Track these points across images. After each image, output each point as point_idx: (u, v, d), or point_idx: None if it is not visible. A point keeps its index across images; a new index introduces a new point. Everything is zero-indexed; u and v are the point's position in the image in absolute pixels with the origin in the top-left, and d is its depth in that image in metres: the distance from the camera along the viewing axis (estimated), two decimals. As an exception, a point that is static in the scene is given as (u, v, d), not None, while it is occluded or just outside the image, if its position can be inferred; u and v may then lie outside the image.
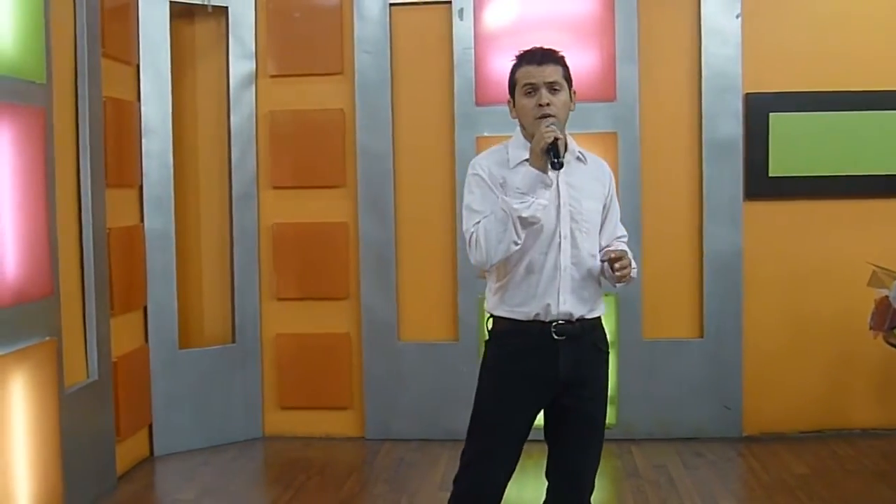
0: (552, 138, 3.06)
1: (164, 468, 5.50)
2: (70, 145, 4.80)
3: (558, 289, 3.20)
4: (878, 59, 5.67)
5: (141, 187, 5.54)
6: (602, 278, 3.31)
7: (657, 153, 5.76)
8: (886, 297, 4.92)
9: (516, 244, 3.11)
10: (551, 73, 3.20)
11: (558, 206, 3.19)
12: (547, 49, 3.26)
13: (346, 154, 5.90)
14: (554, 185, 3.16)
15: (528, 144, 3.20)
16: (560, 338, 3.20)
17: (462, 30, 5.75)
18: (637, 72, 5.71)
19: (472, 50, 5.74)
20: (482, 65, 5.73)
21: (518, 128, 3.31)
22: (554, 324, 3.20)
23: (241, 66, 5.88)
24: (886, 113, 5.64)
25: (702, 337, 5.78)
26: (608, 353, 3.37)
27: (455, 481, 3.34)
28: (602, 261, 3.23)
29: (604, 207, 3.35)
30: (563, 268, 3.20)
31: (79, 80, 4.84)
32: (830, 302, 5.71)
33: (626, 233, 3.47)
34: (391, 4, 5.82)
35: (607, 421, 5.70)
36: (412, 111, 5.88)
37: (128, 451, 5.36)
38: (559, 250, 3.20)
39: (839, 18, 5.70)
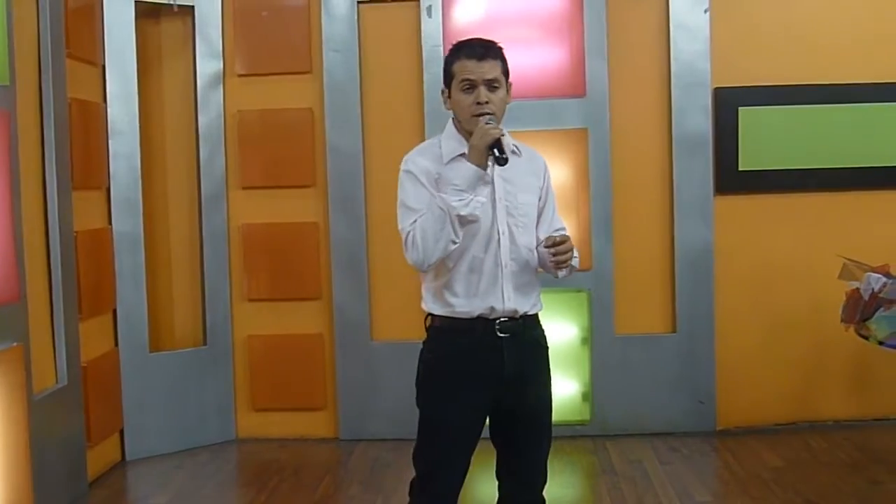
0: (497, 135, 3.01)
1: (137, 473, 5.45)
2: (35, 148, 4.74)
3: (501, 287, 3.14)
4: (847, 53, 5.70)
5: (108, 189, 5.48)
6: (541, 269, 3.27)
7: (627, 148, 5.77)
8: (857, 289, 4.94)
9: (454, 243, 3.05)
10: (490, 69, 3.12)
11: (493, 201, 3.13)
12: (487, 42, 3.18)
13: (315, 153, 5.87)
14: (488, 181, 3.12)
15: (463, 139, 3.16)
16: (504, 335, 3.15)
17: (431, 27, 5.73)
18: (606, 67, 5.71)
19: (441, 47, 5.71)
20: (451, 62, 5.69)
21: (451, 121, 3.24)
22: (498, 321, 3.15)
23: (208, 65, 5.83)
24: (856, 106, 5.67)
25: (674, 332, 5.79)
26: (548, 347, 3.32)
27: (412, 492, 3.29)
28: (545, 246, 3.13)
29: (539, 200, 3.29)
30: (503, 264, 3.14)
31: (43, 82, 4.78)
32: (802, 295, 5.73)
33: (564, 226, 3.38)
34: (359, 2, 5.78)
35: (581, 417, 5.77)
36: (382, 110, 5.85)
37: (99, 457, 5.30)
38: (499, 247, 3.14)
39: (807, 12, 5.73)
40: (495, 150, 3.02)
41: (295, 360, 5.92)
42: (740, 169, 5.73)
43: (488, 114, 3.09)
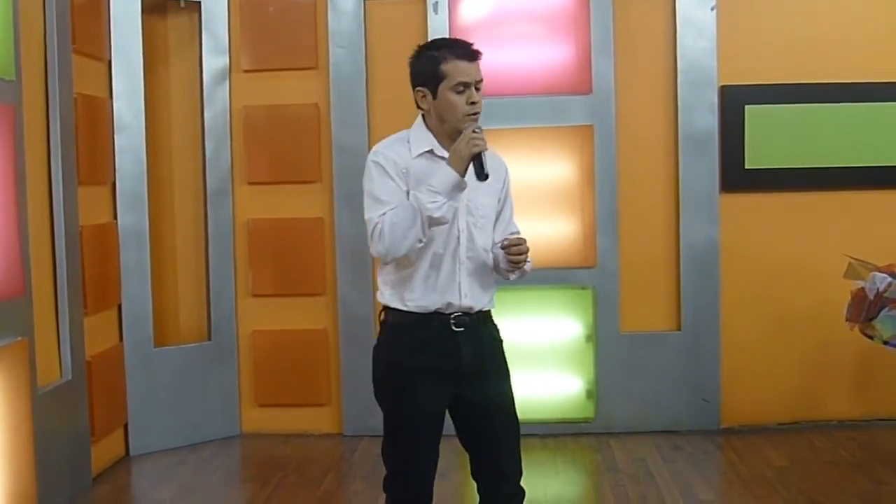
0: (483, 148, 3.06)
1: (141, 468, 5.46)
2: (41, 143, 4.74)
3: (459, 283, 3.19)
4: (855, 51, 5.68)
5: (114, 184, 5.48)
6: (495, 271, 3.31)
7: (633, 146, 5.76)
8: (863, 288, 4.93)
9: (421, 241, 3.09)
10: (478, 70, 3.18)
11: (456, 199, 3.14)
12: (472, 44, 3.23)
13: (321, 149, 5.87)
14: None
15: (433, 136, 3.21)
16: (459, 329, 3.19)
17: (437, 23, 5.72)
18: (612, 65, 5.70)
19: (447, 44, 5.71)
20: (457, 58, 5.69)
21: (420, 117, 3.27)
22: (453, 316, 3.19)
23: (214, 61, 5.83)
24: (862, 105, 5.65)
25: (679, 330, 5.78)
26: (502, 340, 3.36)
27: (385, 489, 3.33)
28: (501, 247, 3.20)
29: (498, 202, 3.33)
30: (461, 262, 3.19)
31: (49, 77, 4.78)
32: (807, 294, 5.72)
33: (519, 230, 3.42)
34: (365, -2, 5.80)
35: (585, 415, 5.76)
36: (387, 105, 5.84)
37: (103, 451, 5.31)
38: (458, 244, 3.19)
39: (814, 10, 5.71)
40: (477, 164, 3.07)
41: (299, 355, 5.92)
42: (746, 167, 5.72)
43: (477, 113, 3.15)
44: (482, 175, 3.07)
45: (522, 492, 3.31)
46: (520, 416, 3.33)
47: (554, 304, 5.77)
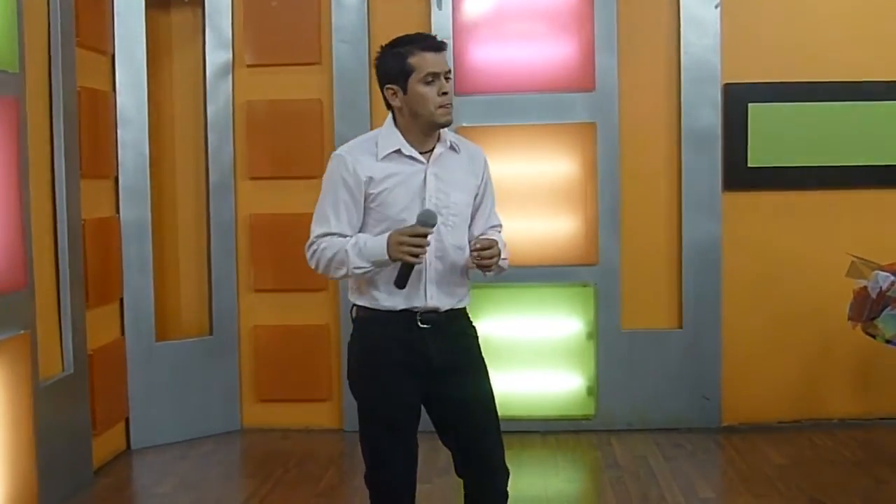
0: (415, 265, 3.05)
1: (142, 461, 5.46)
2: (44, 136, 4.74)
3: (424, 284, 3.16)
4: (858, 50, 5.67)
5: (116, 178, 5.48)
6: (471, 268, 3.26)
7: (636, 143, 5.76)
8: (865, 287, 4.93)
9: (349, 277, 3.16)
10: (445, 61, 3.16)
11: (423, 199, 3.13)
12: (436, 35, 3.23)
13: (324, 144, 5.86)
14: (421, 178, 3.15)
15: (399, 135, 3.16)
16: (425, 326, 3.17)
17: (441, 19, 5.72)
18: (616, 62, 5.69)
19: (451, 39, 5.70)
20: (461, 54, 5.70)
21: (390, 117, 3.21)
22: (419, 313, 3.17)
23: (217, 55, 5.83)
24: (865, 104, 5.65)
25: (681, 328, 5.78)
26: (477, 336, 3.33)
27: (367, 484, 3.33)
28: (471, 249, 3.14)
29: (475, 198, 3.30)
30: (428, 262, 3.15)
31: (52, 70, 4.78)
32: (809, 292, 5.72)
33: (501, 222, 3.40)
34: (369, -7, 5.79)
35: (585, 412, 5.76)
36: (390, 101, 5.84)
37: (104, 445, 5.31)
38: None
39: (817, 8, 5.70)
40: (401, 272, 3.07)
41: (300, 350, 5.92)
42: (749, 165, 5.72)
43: (449, 103, 3.13)
44: (398, 284, 3.07)
45: (506, 494, 3.27)
46: (521, 413, 3.32)
47: (555, 301, 5.76)
